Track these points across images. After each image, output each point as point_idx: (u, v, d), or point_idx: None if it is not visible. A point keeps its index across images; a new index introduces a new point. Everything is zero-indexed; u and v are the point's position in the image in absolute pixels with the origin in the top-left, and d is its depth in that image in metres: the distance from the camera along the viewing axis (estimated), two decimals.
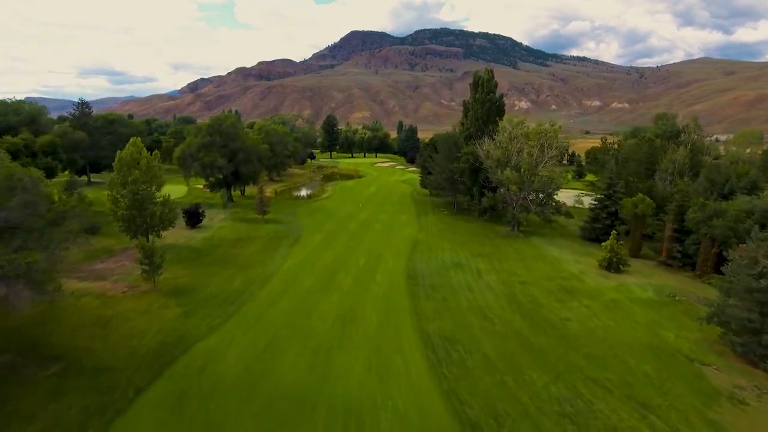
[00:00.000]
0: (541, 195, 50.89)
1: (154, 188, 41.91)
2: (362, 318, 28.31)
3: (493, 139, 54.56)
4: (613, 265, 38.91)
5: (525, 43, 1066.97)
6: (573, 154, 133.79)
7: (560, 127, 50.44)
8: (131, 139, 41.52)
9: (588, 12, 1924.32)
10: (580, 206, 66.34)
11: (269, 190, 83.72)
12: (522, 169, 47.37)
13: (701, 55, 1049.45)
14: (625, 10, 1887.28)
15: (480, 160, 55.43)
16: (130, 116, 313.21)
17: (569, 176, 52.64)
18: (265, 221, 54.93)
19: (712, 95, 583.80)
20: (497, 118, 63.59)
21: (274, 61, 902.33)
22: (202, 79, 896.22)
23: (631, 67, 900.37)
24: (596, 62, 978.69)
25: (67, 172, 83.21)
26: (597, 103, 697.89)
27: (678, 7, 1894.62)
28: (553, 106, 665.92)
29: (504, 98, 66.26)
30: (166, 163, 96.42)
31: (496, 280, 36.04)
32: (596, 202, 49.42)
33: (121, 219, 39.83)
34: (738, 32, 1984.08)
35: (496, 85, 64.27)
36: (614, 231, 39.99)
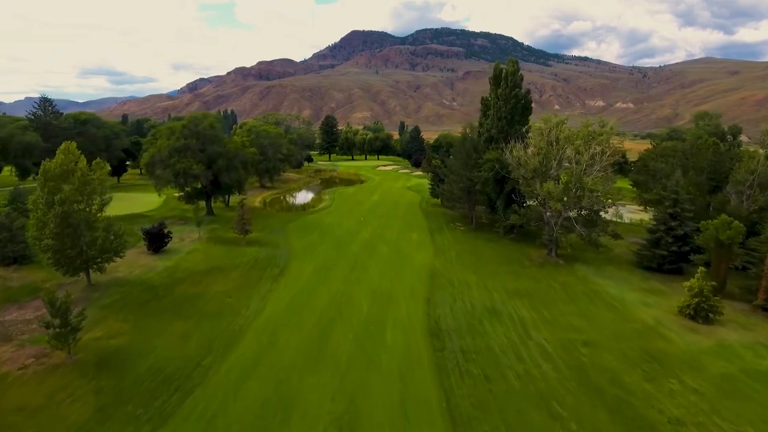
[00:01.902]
0: (584, 212, 41.07)
1: (95, 208, 32.40)
2: (369, 422, 18.53)
3: (524, 143, 44.86)
4: (700, 314, 29.15)
5: (526, 43, 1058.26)
6: None
7: (612, 128, 40.65)
8: (63, 144, 31.95)
9: (589, 12, 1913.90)
10: (620, 220, 56.68)
11: (258, 199, 74.16)
12: (566, 182, 37.61)
13: (702, 55, 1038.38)
14: (625, 11, 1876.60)
15: (507, 168, 45.68)
16: (125, 116, 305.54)
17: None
18: (247, 242, 45.18)
19: (719, 95, 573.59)
20: (525, 118, 54.28)
21: (273, 60, 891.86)
22: (202, 79, 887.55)
23: (633, 67, 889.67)
24: (598, 62, 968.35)
25: (31, 179, 73.86)
26: (601, 103, 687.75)
27: (679, 8, 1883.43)
28: (557, 106, 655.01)
29: None
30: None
31: (551, 339, 26.23)
32: (656, 222, 39.62)
33: (48, 249, 30.25)
34: (739, 32, 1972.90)
35: (521, 79, 54.56)
36: (701, 268, 30.21)
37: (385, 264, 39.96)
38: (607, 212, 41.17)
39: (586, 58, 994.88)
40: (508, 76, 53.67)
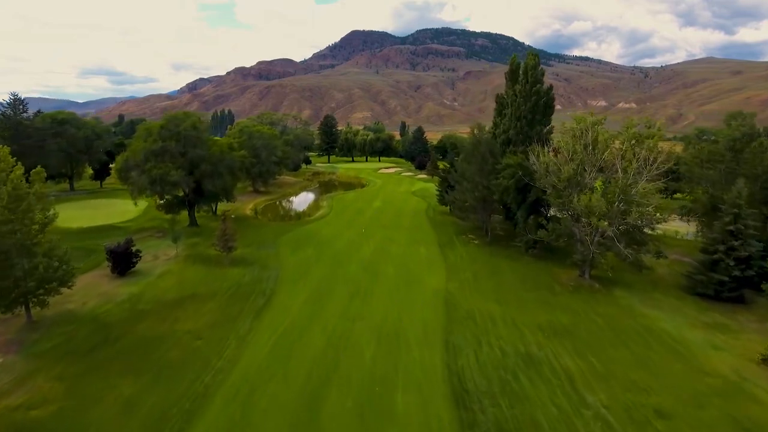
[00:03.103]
0: (621, 227, 34.81)
1: (34, 228, 26.28)
2: None
3: (551, 146, 38.83)
4: None
5: (527, 42, 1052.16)
6: None
7: (660, 129, 34.52)
8: None
9: (589, 12, 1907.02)
10: (650, 232, 50.43)
11: (250, 206, 68.08)
12: (607, 193, 31.49)
13: (703, 55, 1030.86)
14: (626, 11, 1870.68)
15: (531, 175, 39.58)
16: (121, 116, 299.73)
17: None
18: (231, 261, 39.07)
19: (723, 95, 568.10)
20: (547, 117, 48.30)
21: (273, 60, 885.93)
22: (202, 79, 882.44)
23: (634, 67, 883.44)
24: (599, 62, 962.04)
25: None
26: (603, 103, 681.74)
27: (680, 8, 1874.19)
28: (558, 106, 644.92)
29: None
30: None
31: (613, 406, 20.03)
32: (711, 240, 33.49)
33: None
34: (740, 32, 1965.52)
35: (542, 74, 48.57)
36: None
37: (391, 290, 33.80)
38: (653, 228, 35.00)
39: (587, 58, 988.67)
40: (528, 70, 47.70)
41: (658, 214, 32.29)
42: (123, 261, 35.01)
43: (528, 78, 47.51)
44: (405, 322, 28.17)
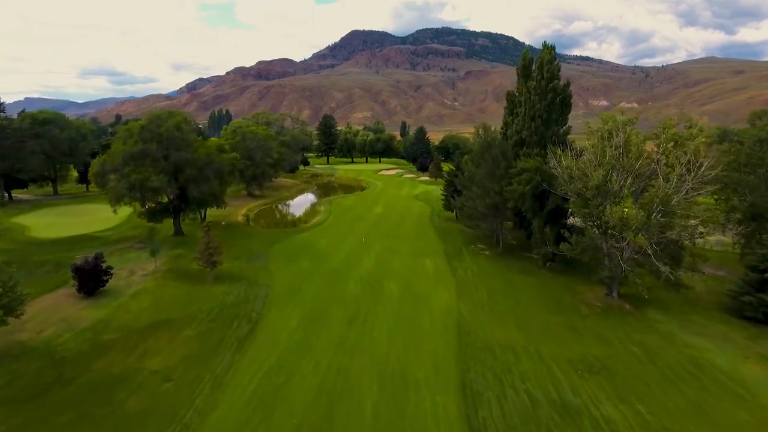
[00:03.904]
0: (659, 241, 30.64)
1: None
2: None
3: (570, 150, 34.75)
4: None
5: (527, 42, 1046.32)
6: None
7: (702, 129, 30.42)
8: None
9: (590, 12, 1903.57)
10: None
11: (242, 211, 64.01)
12: (645, 203, 27.37)
13: (703, 54, 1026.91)
14: (626, 11, 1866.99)
15: (550, 180, 35.53)
16: (118, 117, 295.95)
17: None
18: (215, 278, 34.96)
19: (725, 95, 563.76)
20: (564, 117, 44.25)
21: (273, 60, 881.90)
22: (201, 79, 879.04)
23: (635, 67, 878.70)
24: (600, 62, 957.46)
25: None
26: (604, 102, 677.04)
27: (680, 8, 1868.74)
28: None
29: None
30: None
31: None
32: (761, 257, 29.37)
33: None
34: (741, 32, 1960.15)
35: (558, 69, 44.59)
36: None
37: (395, 312, 29.68)
38: (694, 243, 30.90)
39: (587, 58, 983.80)
40: (543, 65, 43.67)
41: (701, 227, 28.12)
42: (91, 279, 30.87)
43: (543, 73, 43.50)
44: (412, 355, 24.08)
